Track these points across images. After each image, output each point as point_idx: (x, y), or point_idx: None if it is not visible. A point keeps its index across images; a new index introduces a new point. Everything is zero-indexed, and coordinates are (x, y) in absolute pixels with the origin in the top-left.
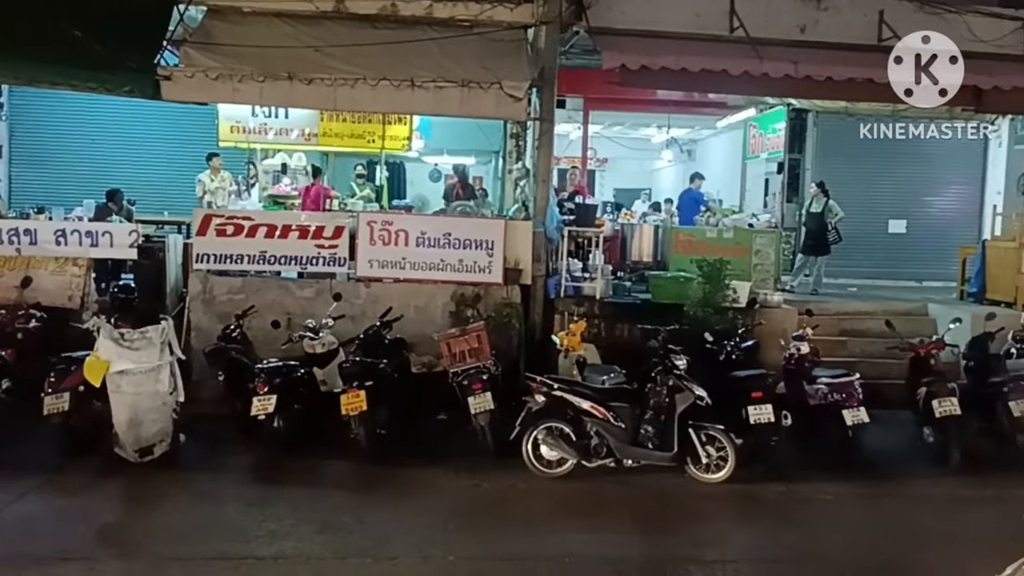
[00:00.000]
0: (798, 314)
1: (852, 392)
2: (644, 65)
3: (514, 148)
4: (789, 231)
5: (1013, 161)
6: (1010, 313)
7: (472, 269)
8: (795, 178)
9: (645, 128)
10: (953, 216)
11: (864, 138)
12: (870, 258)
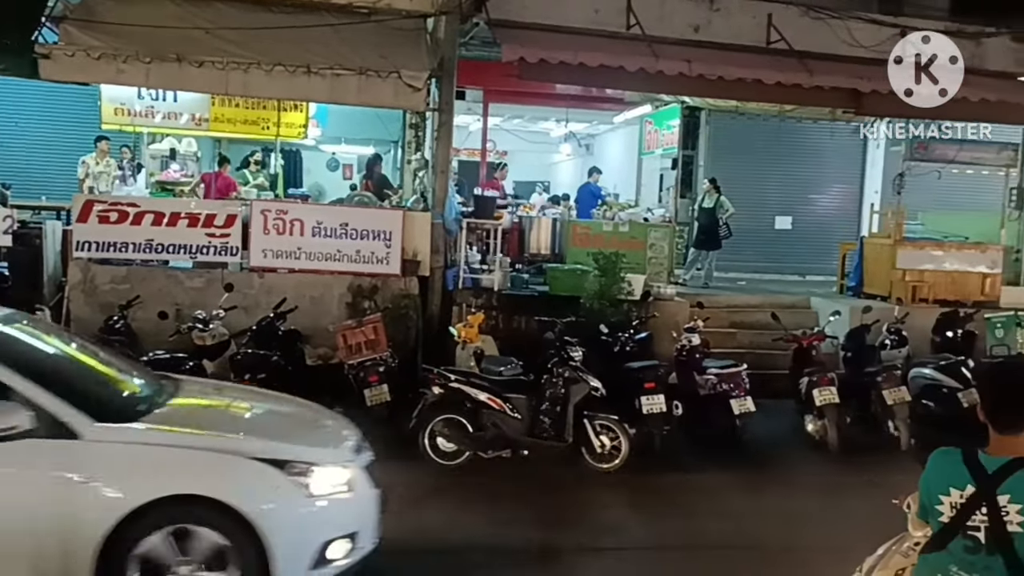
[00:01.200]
0: (690, 307)
1: (740, 382)
2: (543, 59)
3: (413, 138)
4: (682, 226)
5: (889, 162)
6: (885, 306)
7: (369, 260)
8: (689, 174)
9: (544, 122)
10: (835, 214)
11: (754, 137)
12: (758, 253)
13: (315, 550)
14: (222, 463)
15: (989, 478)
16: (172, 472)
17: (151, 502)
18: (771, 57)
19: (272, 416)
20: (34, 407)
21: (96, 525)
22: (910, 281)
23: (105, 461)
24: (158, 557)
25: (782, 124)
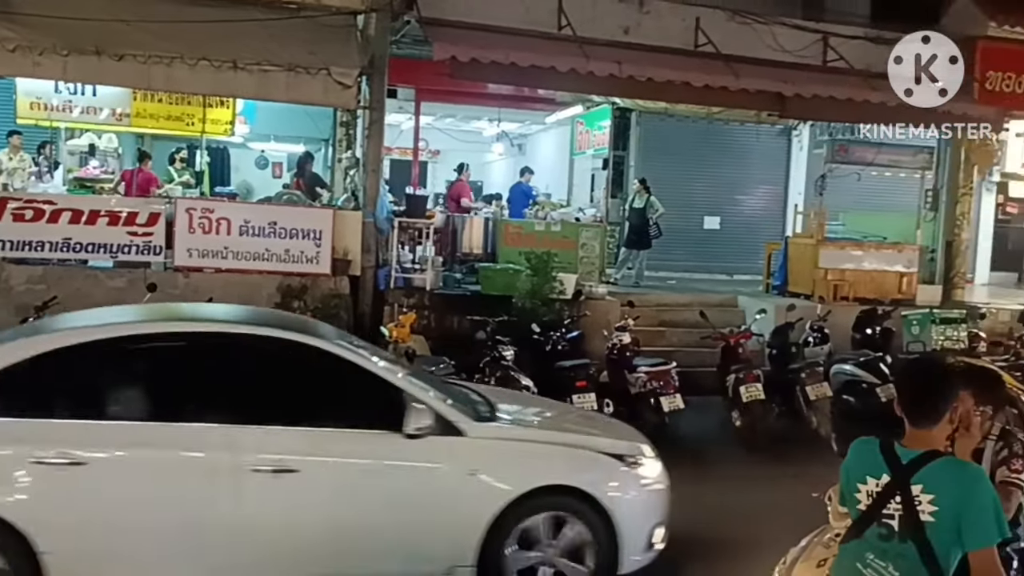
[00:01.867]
0: (620, 305)
1: (669, 380)
2: (475, 58)
3: (344, 136)
4: (613, 225)
5: (812, 164)
6: (808, 304)
7: (299, 259)
8: (619, 175)
9: (476, 121)
10: (761, 214)
11: (683, 138)
12: (687, 252)
13: (646, 535)
14: (581, 457)
15: (904, 468)
16: (544, 465)
17: (531, 490)
18: (699, 60)
19: (578, 416)
20: (431, 410)
21: (487, 508)
22: (832, 280)
23: (487, 455)
24: (534, 536)
25: (710, 126)
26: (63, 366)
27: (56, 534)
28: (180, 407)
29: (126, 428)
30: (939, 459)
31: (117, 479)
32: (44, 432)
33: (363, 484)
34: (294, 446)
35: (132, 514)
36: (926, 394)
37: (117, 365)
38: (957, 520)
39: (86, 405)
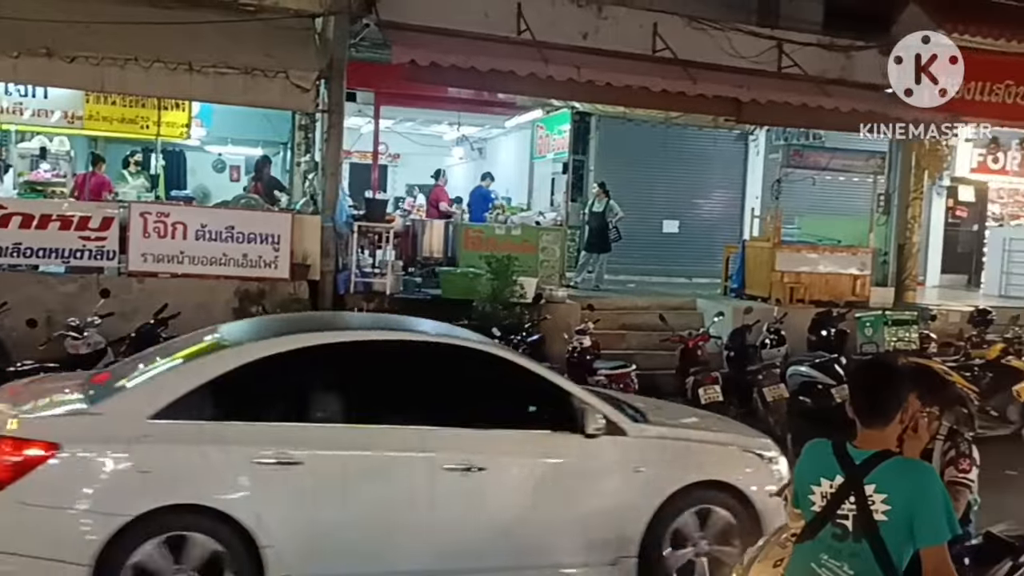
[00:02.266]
0: (581, 309)
1: (629, 383)
2: (434, 62)
3: (303, 140)
4: (573, 229)
5: (768, 168)
6: (765, 307)
7: (257, 264)
8: (579, 178)
9: (437, 125)
10: (719, 217)
11: (642, 142)
12: (647, 256)
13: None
14: (731, 454)
15: (856, 469)
16: (699, 462)
17: (688, 485)
18: (657, 65)
19: (715, 417)
20: (601, 412)
21: (650, 501)
22: (788, 283)
23: (648, 453)
24: (686, 533)
25: (668, 130)
26: (276, 371)
27: (275, 529)
28: (381, 410)
29: (335, 430)
30: (891, 459)
31: (328, 477)
32: (263, 434)
33: (547, 480)
34: (482, 446)
35: (341, 510)
36: (876, 395)
37: (324, 370)
38: (909, 519)
39: (298, 408)
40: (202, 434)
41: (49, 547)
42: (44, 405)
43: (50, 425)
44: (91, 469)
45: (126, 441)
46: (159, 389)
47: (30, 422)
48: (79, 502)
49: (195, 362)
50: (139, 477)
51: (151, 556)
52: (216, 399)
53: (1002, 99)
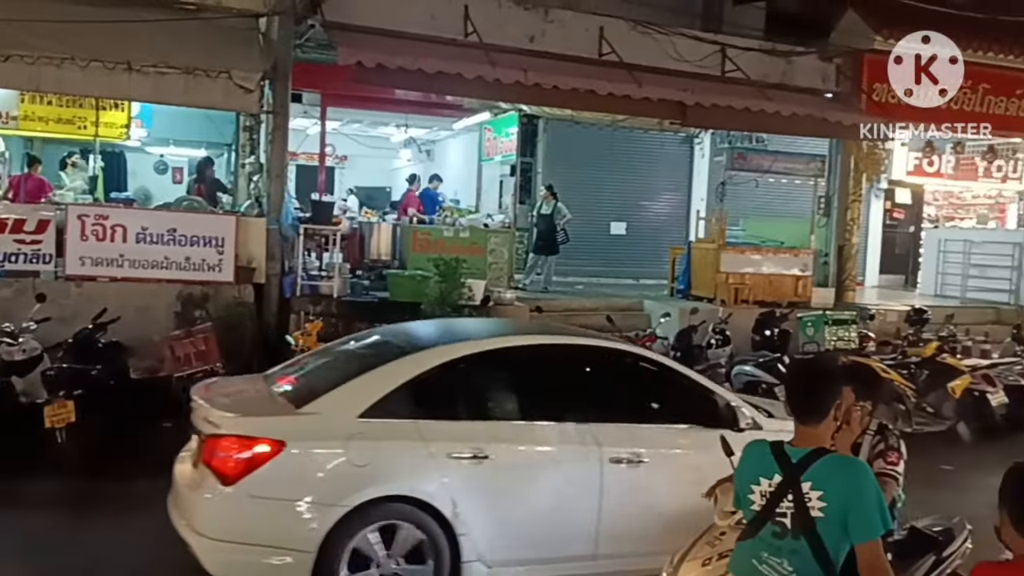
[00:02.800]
0: (529, 311)
1: None
2: (381, 63)
3: (247, 141)
4: (522, 231)
5: (713, 171)
6: (711, 308)
7: (200, 267)
8: (528, 181)
9: (384, 127)
10: (665, 220)
11: (589, 145)
12: (594, 258)
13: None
14: None
15: (794, 467)
16: None
17: None
18: (603, 68)
19: None
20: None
21: None
22: (732, 283)
23: None
24: None
25: (615, 133)
26: (465, 373)
27: (469, 518)
28: (555, 408)
29: (517, 427)
30: (826, 456)
31: (512, 470)
32: (457, 431)
33: (702, 470)
34: (643, 440)
35: (523, 499)
36: (810, 392)
37: (506, 371)
38: (844, 515)
39: (485, 407)
40: (406, 431)
41: (278, 536)
42: (253, 406)
43: (275, 424)
44: (312, 464)
45: (341, 438)
46: (364, 390)
47: (255, 422)
48: (303, 495)
49: (393, 364)
50: (355, 471)
51: (366, 544)
52: (414, 398)
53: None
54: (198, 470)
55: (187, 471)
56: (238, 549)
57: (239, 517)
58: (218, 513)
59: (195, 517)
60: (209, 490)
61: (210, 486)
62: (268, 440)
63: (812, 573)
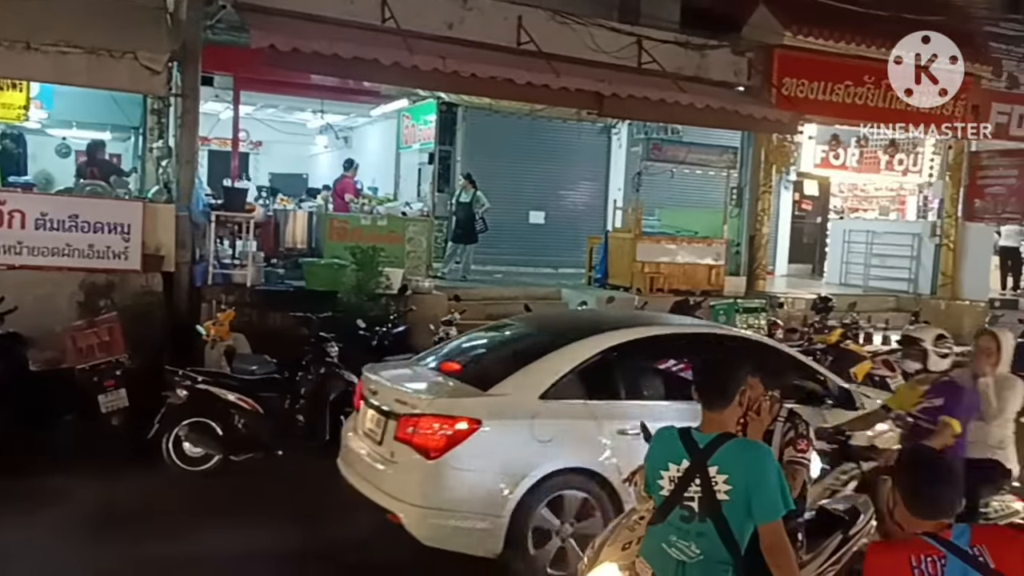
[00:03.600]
0: (447, 299)
1: None
2: (295, 47)
3: (156, 125)
4: (441, 220)
5: (630, 161)
6: (627, 296)
7: (105, 255)
8: (446, 169)
9: (300, 112)
10: (583, 209)
11: (508, 134)
12: (513, 246)
13: None
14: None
15: (701, 452)
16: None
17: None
18: (521, 58)
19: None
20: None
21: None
22: (648, 272)
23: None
24: None
25: (534, 122)
26: (622, 357)
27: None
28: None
29: (662, 406)
30: (731, 441)
31: None
32: (620, 409)
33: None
34: None
35: None
36: (716, 378)
37: (652, 356)
38: (748, 497)
39: (638, 387)
40: (579, 410)
41: (477, 504)
42: (443, 389)
43: (471, 405)
44: (504, 440)
45: (527, 416)
46: (542, 373)
47: (453, 403)
48: (497, 467)
49: (564, 350)
50: (540, 445)
51: (548, 510)
52: (583, 381)
53: (842, 99)
54: (387, 446)
55: (370, 446)
56: (443, 515)
57: (443, 487)
58: (424, 484)
59: (400, 489)
60: (414, 465)
61: (414, 461)
62: (467, 419)
63: (718, 555)
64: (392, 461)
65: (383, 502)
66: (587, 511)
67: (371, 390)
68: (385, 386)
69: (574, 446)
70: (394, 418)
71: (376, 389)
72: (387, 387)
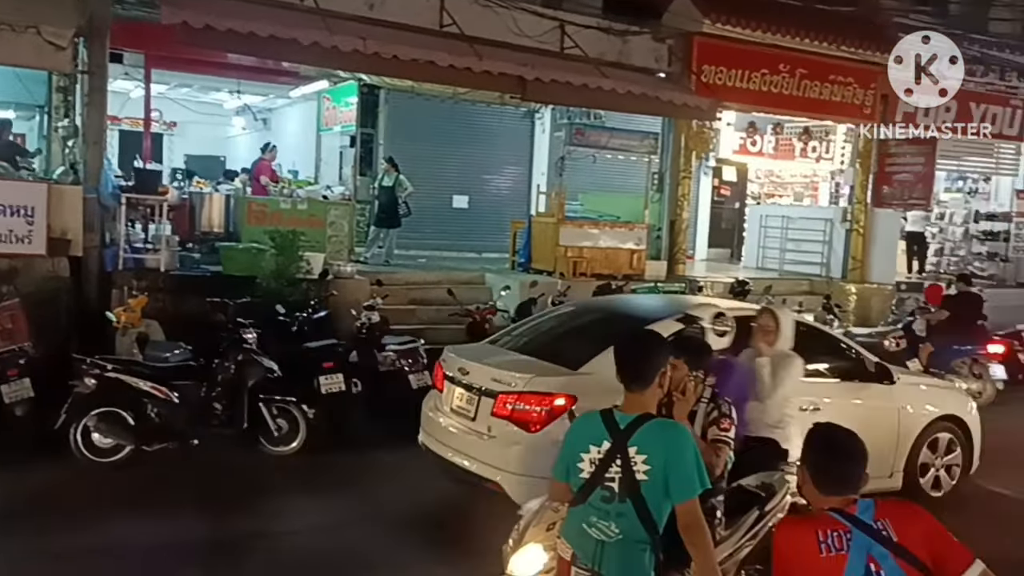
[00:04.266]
0: (369, 284)
1: (417, 358)
2: (209, 24)
3: (62, 103)
4: (363, 204)
5: (554, 146)
6: (550, 281)
7: (7, 239)
8: (369, 152)
9: (216, 92)
10: (507, 193)
11: (431, 117)
12: (437, 231)
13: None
14: (956, 395)
15: (621, 433)
16: (942, 401)
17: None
18: (444, 40)
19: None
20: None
21: (913, 429)
22: (571, 257)
23: (912, 395)
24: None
25: (457, 106)
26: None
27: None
28: None
29: None
30: (650, 421)
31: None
32: None
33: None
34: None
35: None
36: (636, 359)
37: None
38: (666, 477)
39: None
40: None
41: None
42: (535, 369)
43: (567, 383)
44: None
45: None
46: None
47: (551, 381)
48: None
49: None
50: None
51: None
52: None
53: (758, 87)
54: (483, 421)
55: (461, 422)
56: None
57: (543, 457)
58: (524, 455)
59: (499, 459)
60: (513, 437)
61: (513, 433)
62: (565, 395)
63: (637, 535)
64: (490, 435)
65: (480, 471)
66: None
67: (461, 370)
68: (478, 367)
69: None
70: (490, 396)
71: (468, 370)
72: (480, 368)
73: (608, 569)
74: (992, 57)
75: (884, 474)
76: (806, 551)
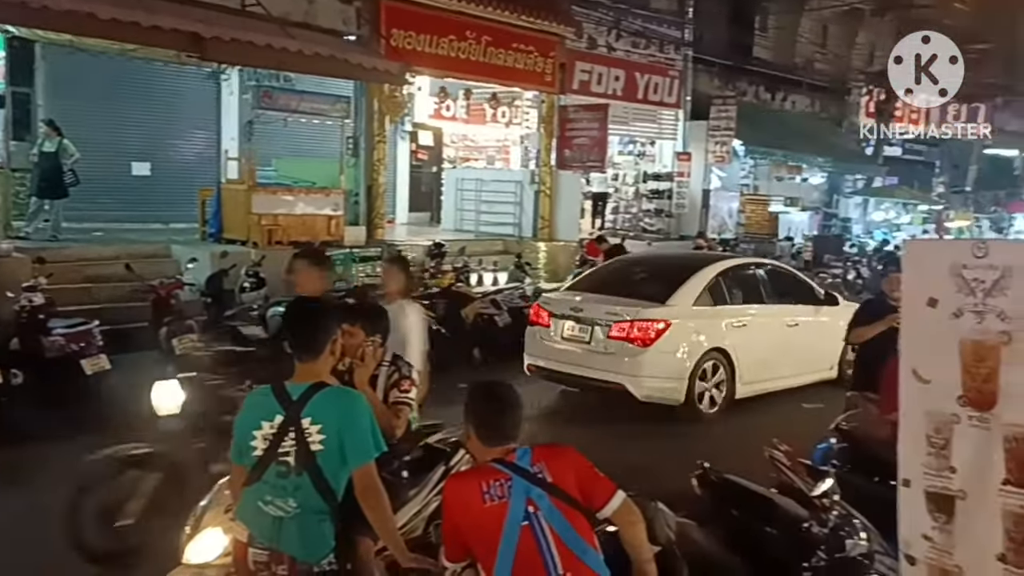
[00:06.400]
0: (31, 263)
1: (92, 340)
2: None
3: None
4: (22, 173)
5: (243, 109)
6: (243, 251)
7: None
8: (25, 114)
9: None
10: (194, 160)
11: (100, 76)
12: (115, 201)
13: None
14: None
15: (294, 404)
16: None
17: None
18: None
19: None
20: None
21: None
22: (265, 225)
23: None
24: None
25: (129, 64)
26: (727, 279)
27: (741, 355)
28: (760, 297)
29: (753, 308)
30: (324, 390)
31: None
32: (730, 311)
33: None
34: (797, 313)
35: (760, 345)
36: (306, 330)
37: (741, 278)
38: (341, 444)
39: (739, 297)
40: (711, 312)
41: (672, 371)
42: (635, 303)
43: (664, 312)
44: (683, 333)
45: (690, 318)
46: (690, 290)
47: (654, 311)
48: (680, 349)
49: (699, 274)
50: (698, 336)
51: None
52: (710, 294)
53: (447, 53)
54: (599, 343)
55: (579, 347)
56: (654, 380)
57: (653, 364)
58: (641, 363)
59: (621, 368)
60: (629, 351)
61: (629, 349)
62: (664, 321)
63: (315, 506)
64: (609, 352)
65: (603, 377)
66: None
67: (574, 308)
68: (591, 304)
69: (714, 335)
70: (603, 325)
71: (580, 308)
72: (592, 305)
73: (287, 544)
74: (653, 31)
75: (827, 367)
76: (471, 502)
